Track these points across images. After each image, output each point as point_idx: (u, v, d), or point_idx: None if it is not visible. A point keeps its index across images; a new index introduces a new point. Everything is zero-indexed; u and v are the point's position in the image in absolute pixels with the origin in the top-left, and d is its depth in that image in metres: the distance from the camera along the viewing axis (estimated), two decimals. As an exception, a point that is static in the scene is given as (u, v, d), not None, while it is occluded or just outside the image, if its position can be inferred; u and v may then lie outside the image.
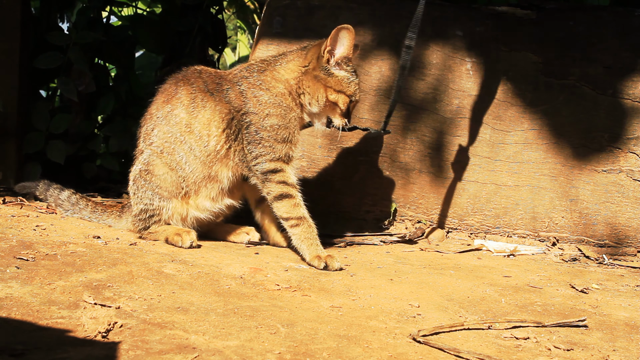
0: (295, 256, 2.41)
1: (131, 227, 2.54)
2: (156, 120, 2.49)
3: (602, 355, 1.58)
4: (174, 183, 2.44)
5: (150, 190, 2.44)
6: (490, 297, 2.04)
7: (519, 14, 3.15)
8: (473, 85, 3.06)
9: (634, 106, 2.94)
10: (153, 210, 2.44)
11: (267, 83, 2.45)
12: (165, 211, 2.45)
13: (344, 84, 2.42)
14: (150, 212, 2.44)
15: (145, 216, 2.45)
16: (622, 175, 2.90)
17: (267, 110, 2.41)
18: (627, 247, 2.86)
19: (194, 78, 2.51)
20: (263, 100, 2.42)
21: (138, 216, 2.47)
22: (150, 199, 2.44)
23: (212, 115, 2.42)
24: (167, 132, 2.45)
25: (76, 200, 2.74)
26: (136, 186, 2.48)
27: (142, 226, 2.47)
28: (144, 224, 2.46)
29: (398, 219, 3.07)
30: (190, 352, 1.35)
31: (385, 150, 3.08)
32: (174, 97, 2.48)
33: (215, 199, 2.50)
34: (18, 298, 1.56)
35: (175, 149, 2.43)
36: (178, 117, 2.45)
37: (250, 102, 2.42)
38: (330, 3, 3.21)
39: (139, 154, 2.54)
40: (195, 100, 2.45)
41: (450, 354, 1.49)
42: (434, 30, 3.14)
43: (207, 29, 4.31)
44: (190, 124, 2.43)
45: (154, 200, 2.43)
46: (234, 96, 2.44)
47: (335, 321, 1.66)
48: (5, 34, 3.59)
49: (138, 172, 2.48)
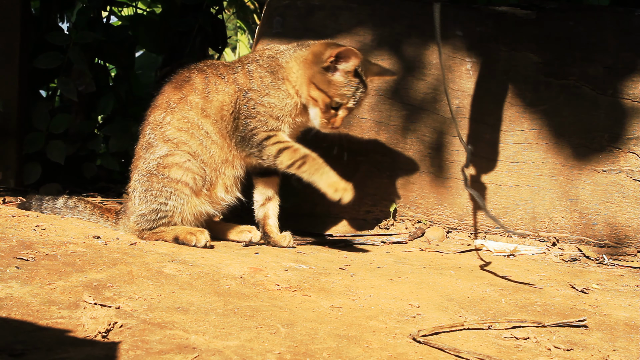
0: (295, 256, 2.41)
1: (131, 229, 2.51)
2: (168, 108, 2.51)
3: (602, 355, 1.58)
4: (199, 172, 2.46)
5: (168, 186, 2.42)
6: (490, 297, 2.04)
7: (519, 14, 3.15)
8: (473, 85, 3.06)
9: (634, 106, 2.94)
10: (166, 212, 2.42)
11: (273, 67, 2.53)
12: (179, 211, 2.44)
13: (334, 86, 2.44)
14: (162, 213, 2.42)
15: (154, 217, 2.43)
16: (622, 175, 2.90)
17: (267, 91, 2.50)
18: (627, 247, 2.86)
19: (207, 66, 2.59)
20: (266, 82, 2.51)
21: (146, 216, 2.44)
22: (167, 197, 2.42)
23: (224, 97, 2.50)
24: (182, 119, 2.47)
25: (73, 204, 2.70)
26: (149, 183, 2.45)
27: (147, 227, 2.44)
28: (150, 224, 2.44)
29: (398, 219, 3.07)
30: (190, 352, 1.35)
31: (386, 151, 3.08)
32: (187, 83, 2.53)
33: (230, 189, 2.55)
34: (18, 298, 1.56)
35: (194, 134, 2.47)
36: (193, 102, 2.49)
37: (255, 81, 2.51)
38: (331, 3, 3.21)
39: (148, 148, 2.50)
40: (209, 85, 2.52)
41: (450, 354, 1.49)
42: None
43: (207, 29, 4.31)
44: (205, 108, 2.49)
45: (170, 199, 2.42)
46: (242, 76, 2.53)
47: (335, 321, 1.66)
48: (5, 34, 3.59)
49: (152, 167, 2.45)
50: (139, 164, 2.52)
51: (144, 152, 2.51)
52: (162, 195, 2.43)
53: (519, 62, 3.06)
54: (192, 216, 2.47)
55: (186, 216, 2.46)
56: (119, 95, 4.14)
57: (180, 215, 2.44)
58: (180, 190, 2.43)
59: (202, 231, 2.40)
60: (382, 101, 3.09)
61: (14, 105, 3.60)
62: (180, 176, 2.43)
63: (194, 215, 2.48)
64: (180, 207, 2.43)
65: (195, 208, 2.47)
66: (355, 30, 3.15)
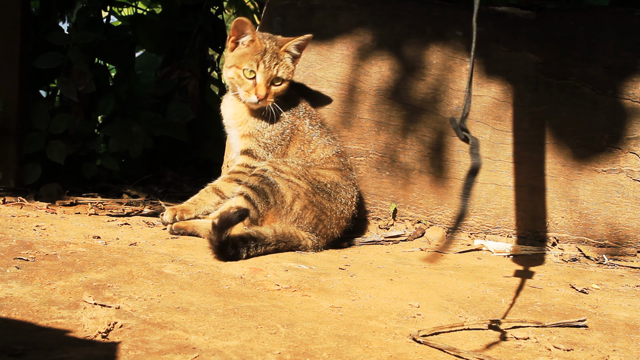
0: (295, 256, 2.41)
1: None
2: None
3: (602, 355, 1.59)
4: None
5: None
6: (490, 297, 2.04)
7: (519, 14, 3.15)
8: (473, 86, 3.06)
9: (634, 106, 2.94)
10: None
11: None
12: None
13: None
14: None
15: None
16: (622, 175, 2.90)
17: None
18: (627, 247, 2.86)
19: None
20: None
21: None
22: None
23: None
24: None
25: None
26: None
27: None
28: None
29: (398, 219, 3.07)
30: (190, 352, 1.35)
31: (386, 151, 3.08)
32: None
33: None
34: (18, 298, 1.56)
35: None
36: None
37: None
38: (331, 3, 3.21)
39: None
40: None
41: (450, 354, 1.50)
42: (434, 30, 3.14)
43: (207, 29, 4.32)
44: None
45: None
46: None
47: (335, 321, 1.66)
48: (5, 34, 3.59)
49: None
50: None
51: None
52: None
53: (519, 63, 3.06)
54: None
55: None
56: (119, 95, 4.14)
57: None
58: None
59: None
60: (382, 101, 3.09)
61: (14, 105, 3.60)
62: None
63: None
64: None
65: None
66: (356, 30, 3.15)
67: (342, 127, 3.08)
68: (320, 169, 2.64)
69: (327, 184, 2.61)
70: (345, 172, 2.70)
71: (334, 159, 2.69)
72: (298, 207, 2.51)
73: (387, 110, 3.08)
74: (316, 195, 2.56)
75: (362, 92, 3.08)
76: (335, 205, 2.62)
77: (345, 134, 3.06)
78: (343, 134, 3.06)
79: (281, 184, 2.51)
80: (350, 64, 3.11)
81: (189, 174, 4.37)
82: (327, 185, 2.61)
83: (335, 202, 2.62)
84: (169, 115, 4.07)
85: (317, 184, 2.58)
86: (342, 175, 2.68)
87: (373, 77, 3.11)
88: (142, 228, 2.67)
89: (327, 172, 2.64)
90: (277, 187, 2.50)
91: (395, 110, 3.08)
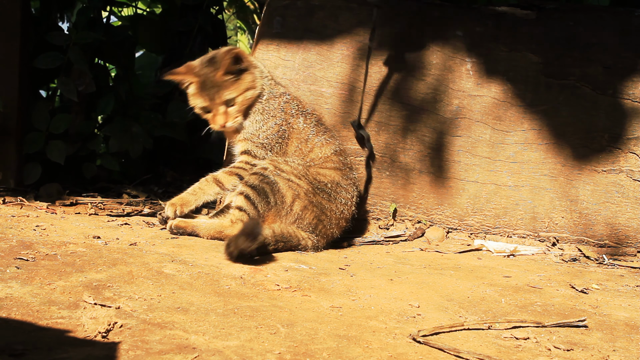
0: (295, 256, 2.41)
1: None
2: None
3: (602, 355, 1.58)
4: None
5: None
6: (490, 297, 2.04)
7: (519, 14, 3.15)
8: (473, 86, 3.06)
9: (634, 106, 2.94)
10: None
11: None
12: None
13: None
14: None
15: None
16: (622, 175, 2.90)
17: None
18: (627, 247, 2.86)
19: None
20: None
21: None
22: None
23: None
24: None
25: None
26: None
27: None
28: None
29: (398, 219, 3.07)
30: (190, 352, 1.35)
31: (386, 151, 3.08)
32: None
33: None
34: (18, 298, 1.56)
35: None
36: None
37: None
38: (331, 3, 3.21)
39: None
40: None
41: (450, 354, 1.50)
42: (434, 30, 3.14)
43: (207, 29, 4.32)
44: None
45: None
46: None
47: (335, 321, 1.66)
48: (5, 34, 3.59)
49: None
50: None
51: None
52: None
53: (519, 62, 3.06)
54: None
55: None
56: (119, 96, 4.14)
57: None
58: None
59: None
60: (382, 101, 3.09)
61: (14, 105, 3.60)
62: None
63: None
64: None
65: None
66: (356, 30, 3.15)
67: (342, 127, 3.08)
68: (320, 168, 2.64)
69: (328, 184, 2.61)
70: (345, 171, 2.70)
71: (333, 158, 2.69)
72: (298, 208, 2.51)
73: (387, 110, 3.09)
74: (316, 196, 2.56)
75: (362, 92, 3.08)
76: (335, 206, 2.62)
77: (345, 134, 3.07)
78: (343, 134, 3.06)
79: (281, 184, 2.51)
80: (350, 64, 3.11)
81: (189, 174, 4.37)
82: (327, 185, 2.61)
83: (335, 202, 2.62)
84: (169, 115, 4.07)
85: (317, 183, 2.58)
86: (343, 174, 2.68)
87: (373, 77, 3.11)
88: (142, 228, 2.67)
89: (327, 172, 2.64)
90: (278, 186, 2.50)
91: (395, 110, 3.08)
